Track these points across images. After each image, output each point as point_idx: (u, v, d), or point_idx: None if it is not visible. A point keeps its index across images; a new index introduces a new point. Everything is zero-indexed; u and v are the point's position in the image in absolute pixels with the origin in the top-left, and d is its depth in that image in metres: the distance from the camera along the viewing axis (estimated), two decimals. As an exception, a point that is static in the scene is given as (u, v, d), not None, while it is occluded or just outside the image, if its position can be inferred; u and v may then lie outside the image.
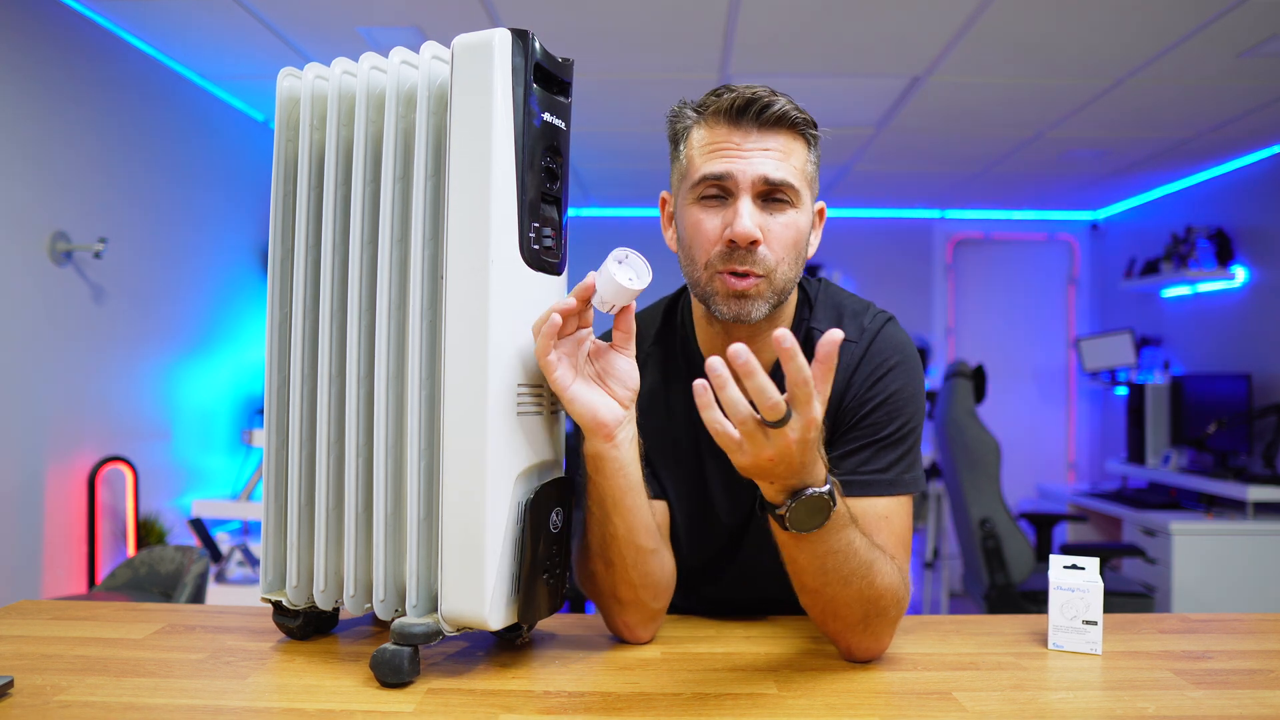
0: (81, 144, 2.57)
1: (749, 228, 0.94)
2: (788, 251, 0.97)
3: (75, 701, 0.80)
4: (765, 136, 0.97)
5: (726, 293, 0.97)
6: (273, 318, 0.97)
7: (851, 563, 0.87)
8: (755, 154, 0.96)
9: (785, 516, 0.82)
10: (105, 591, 2.19)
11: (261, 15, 2.56)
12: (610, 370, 0.90)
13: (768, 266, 0.96)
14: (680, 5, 2.46)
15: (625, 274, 0.87)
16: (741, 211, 0.95)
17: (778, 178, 0.96)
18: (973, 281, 5.36)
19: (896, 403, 1.01)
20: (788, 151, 0.97)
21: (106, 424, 2.72)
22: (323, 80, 0.96)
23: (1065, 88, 3.07)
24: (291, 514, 0.95)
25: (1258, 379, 3.75)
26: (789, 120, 0.97)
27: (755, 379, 0.73)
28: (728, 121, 0.97)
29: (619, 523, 0.92)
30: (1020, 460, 5.09)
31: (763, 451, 0.76)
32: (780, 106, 0.96)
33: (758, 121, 0.96)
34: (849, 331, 1.05)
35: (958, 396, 3.03)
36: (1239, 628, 1.11)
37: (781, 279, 0.98)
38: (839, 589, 0.88)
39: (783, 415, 0.74)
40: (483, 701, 0.82)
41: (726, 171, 0.96)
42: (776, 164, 0.96)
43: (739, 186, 0.96)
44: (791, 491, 0.81)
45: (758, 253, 0.95)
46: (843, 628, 0.91)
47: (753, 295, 0.97)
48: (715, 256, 0.97)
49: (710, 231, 0.97)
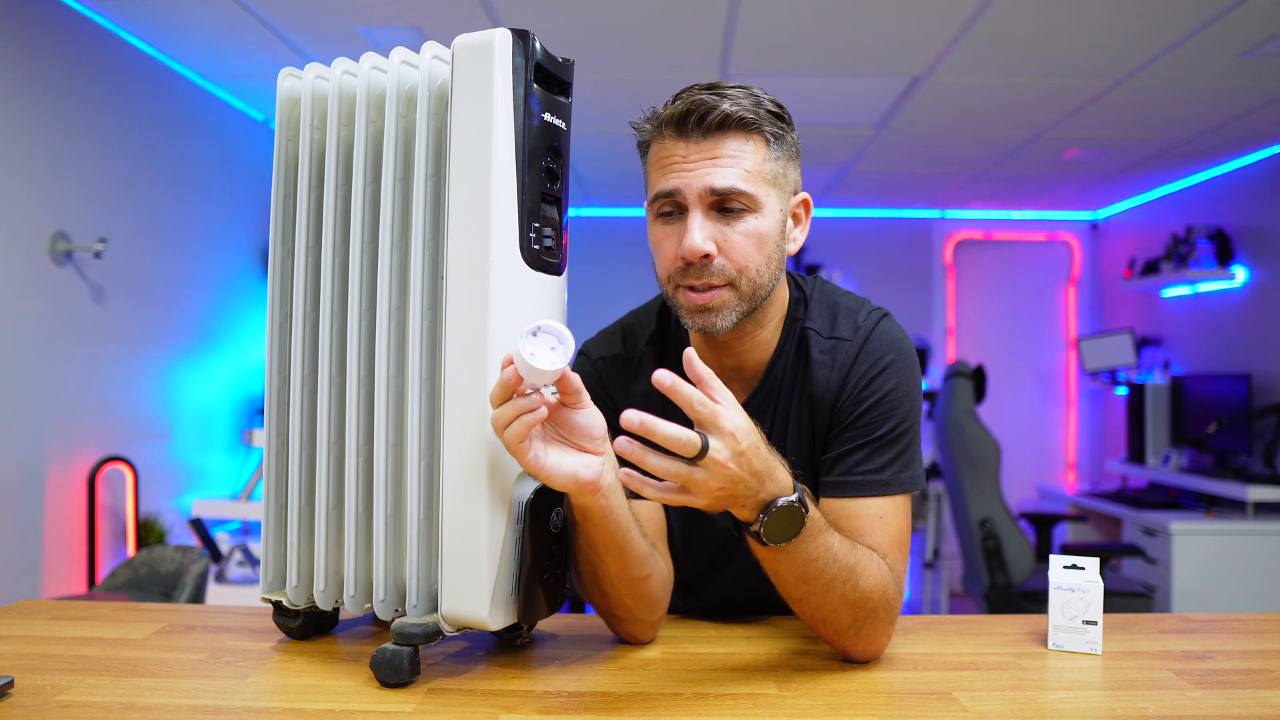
0: (81, 144, 2.57)
1: (696, 244, 0.92)
2: (750, 259, 0.95)
3: (75, 701, 0.80)
4: (712, 144, 0.93)
5: (689, 307, 0.97)
6: (273, 318, 0.97)
7: (832, 568, 0.87)
8: (702, 165, 0.93)
9: (760, 532, 0.82)
10: (105, 591, 2.19)
11: (261, 15, 2.56)
12: (572, 427, 0.83)
13: (728, 276, 0.95)
14: (680, 5, 2.46)
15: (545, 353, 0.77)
16: (690, 228, 0.93)
17: (724, 186, 0.93)
18: (973, 281, 5.36)
19: (891, 402, 1.00)
20: (738, 155, 0.93)
21: (106, 424, 2.72)
22: (323, 80, 0.96)
23: (1065, 88, 3.07)
24: (292, 514, 0.95)
25: (1258, 379, 3.75)
26: (734, 121, 0.93)
27: (657, 432, 0.74)
28: (674, 133, 0.95)
29: (610, 563, 0.91)
30: (1020, 460, 5.09)
31: (710, 485, 0.76)
32: (720, 110, 0.92)
33: (701, 129, 0.93)
34: (842, 329, 1.04)
35: (958, 396, 3.03)
36: (1239, 628, 1.11)
37: (749, 285, 0.96)
38: (822, 596, 0.88)
39: (699, 447, 0.74)
40: (483, 701, 0.82)
41: (674, 188, 0.94)
42: (724, 172, 0.93)
43: (688, 201, 0.94)
44: (762, 506, 0.81)
45: (713, 265, 0.94)
46: (833, 632, 0.91)
47: (715, 307, 0.96)
48: (676, 272, 0.96)
49: (668, 249, 0.97)
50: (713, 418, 0.75)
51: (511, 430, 0.78)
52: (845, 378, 1.02)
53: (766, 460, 0.80)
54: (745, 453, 0.77)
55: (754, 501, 0.80)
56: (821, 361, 1.03)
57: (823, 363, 1.03)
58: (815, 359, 1.03)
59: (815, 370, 1.03)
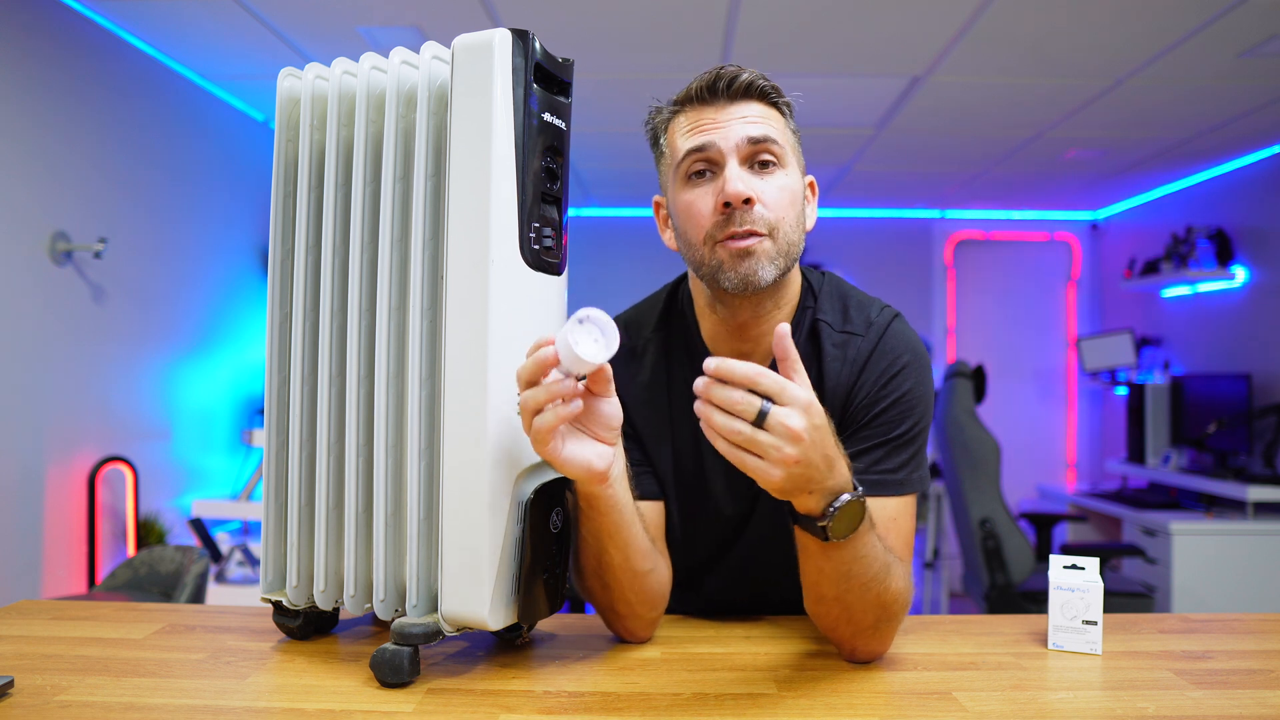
0: (81, 144, 2.57)
1: (739, 188, 0.93)
2: (786, 210, 0.96)
3: (75, 701, 0.80)
4: (740, 105, 0.98)
5: (732, 254, 0.95)
6: (273, 318, 0.97)
7: (873, 568, 0.87)
8: (733, 122, 0.96)
9: (828, 527, 0.80)
10: (105, 591, 2.19)
11: (261, 15, 2.56)
12: (595, 416, 0.83)
13: (769, 223, 0.95)
14: (680, 5, 2.46)
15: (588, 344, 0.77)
16: (729, 176, 0.94)
17: (758, 134, 0.96)
18: (973, 281, 5.36)
19: (909, 402, 1.00)
20: (765, 117, 0.98)
21: (106, 424, 2.72)
22: (323, 80, 0.96)
23: (1065, 88, 3.07)
24: (291, 514, 0.95)
25: (1258, 379, 3.74)
26: (758, 89, 0.98)
27: (715, 394, 0.73)
28: (700, 101, 0.99)
29: (614, 553, 0.92)
30: (1020, 460, 5.09)
31: (786, 455, 0.74)
32: (748, 76, 0.97)
33: (728, 94, 0.97)
34: (855, 324, 1.04)
35: (958, 396, 3.03)
36: (1239, 628, 1.11)
37: (785, 239, 0.96)
38: (858, 595, 0.87)
39: (757, 409, 0.73)
40: (483, 701, 0.82)
41: (708, 141, 0.96)
42: (756, 125, 0.96)
43: (723, 154, 0.96)
44: (830, 496, 0.80)
45: (754, 211, 0.94)
46: (854, 632, 0.91)
47: (757, 253, 0.95)
48: (713, 227, 0.96)
49: (703, 206, 0.97)
50: (780, 388, 0.74)
51: (544, 419, 0.77)
52: (859, 374, 1.02)
53: (835, 449, 0.79)
54: (821, 428, 0.76)
55: (822, 489, 0.79)
56: (833, 355, 1.03)
57: (834, 355, 1.03)
58: (827, 351, 1.04)
59: (827, 362, 1.03)
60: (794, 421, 0.74)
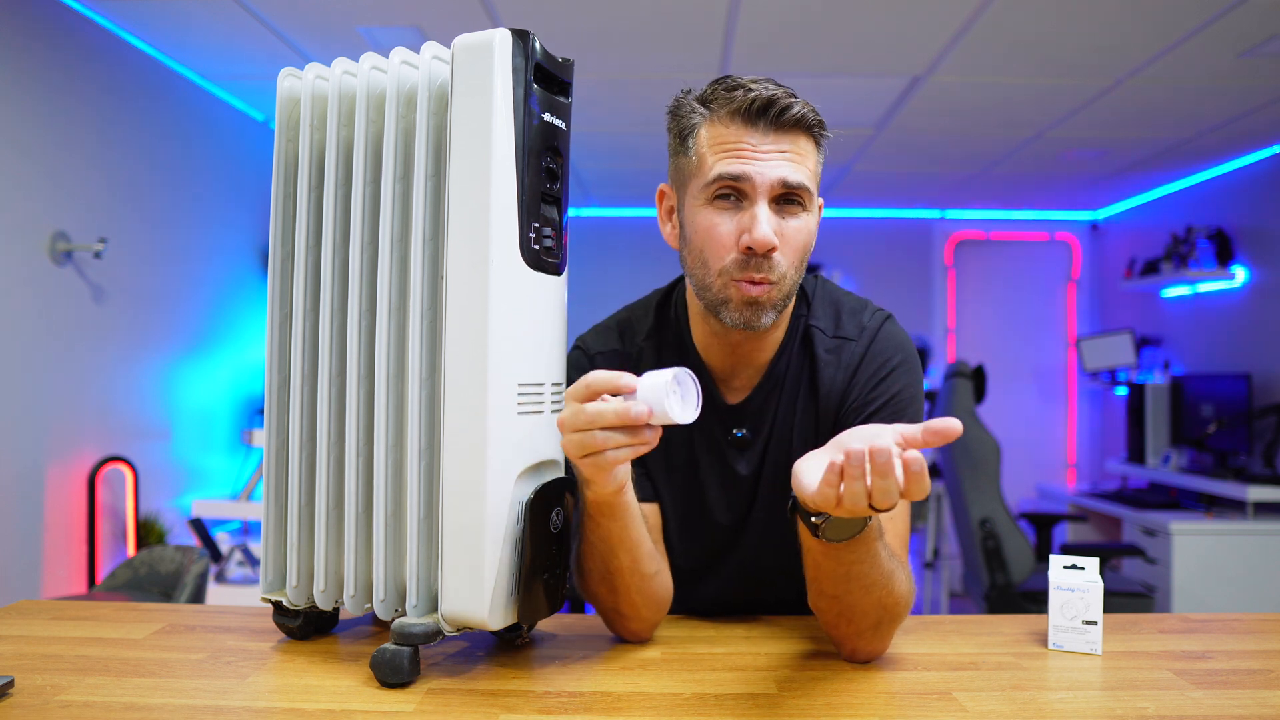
0: (81, 144, 2.57)
1: (768, 235, 0.92)
2: (798, 256, 0.96)
3: (75, 701, 0.80)
4: (781, 139, 0.94)
5: (741, 300, 0.95)
6: (273, 318, 0.97)
7: (875, 572, 0.87)
8: (773, 157, 0.93)
9: (820, 526, 0.80)
10: (105, 591, 2.19)
11: (261, 15, 2.56)
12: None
13: (780, 273, 0.95)
14: (680, 5, 2.46)
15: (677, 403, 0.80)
16: (760, 218, 0.92)
17: (795, 181, 0.93)
18: (973, 281, 5.36)
19: (900, 403, 1.01)
20: (803, 154, 0.95)
21: (106, 424, 2.72)
22: (323, 80, 0.96)
23: (1065, 88, 3.07)
24: (291, 514, 0.95)
25: (1258, 379, 3.74)
26: (806, 123, 0.94)
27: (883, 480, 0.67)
28: (744, 121, 0.94)
29: (624, 557, 0.92)
30: (1020, 460, 5.09)
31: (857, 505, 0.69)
32: (799, 110, 0.94)
33: (776, 124, 0.93)
34: (848, 329, 1.05)
35: (958, 396, 3.03)
36: (1239, 628, 1.11)
37: (789, 285, 0.97)
38: (860, 596, 0.87)
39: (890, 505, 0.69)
40: (483, 701, 0.82)
41: (744, 173, 0.93)
42: (794, 167, 0.94)
43: (756, 190, 0.93)
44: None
45: (773, 259, 0.94)
46: (854, 632, 0.91)
47: (764, 303, 0.95)
48: (731, 264, 0.95)
49: (725, 237, 0.95)
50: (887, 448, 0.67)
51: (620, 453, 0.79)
52: (852, 378, 1.03)
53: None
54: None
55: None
56: (827, 360, 1.04)
57: (828, 361, 1.04)
58: (820, 357, 1.04)
59: (821, 369, 1.04)
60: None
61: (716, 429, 1.07)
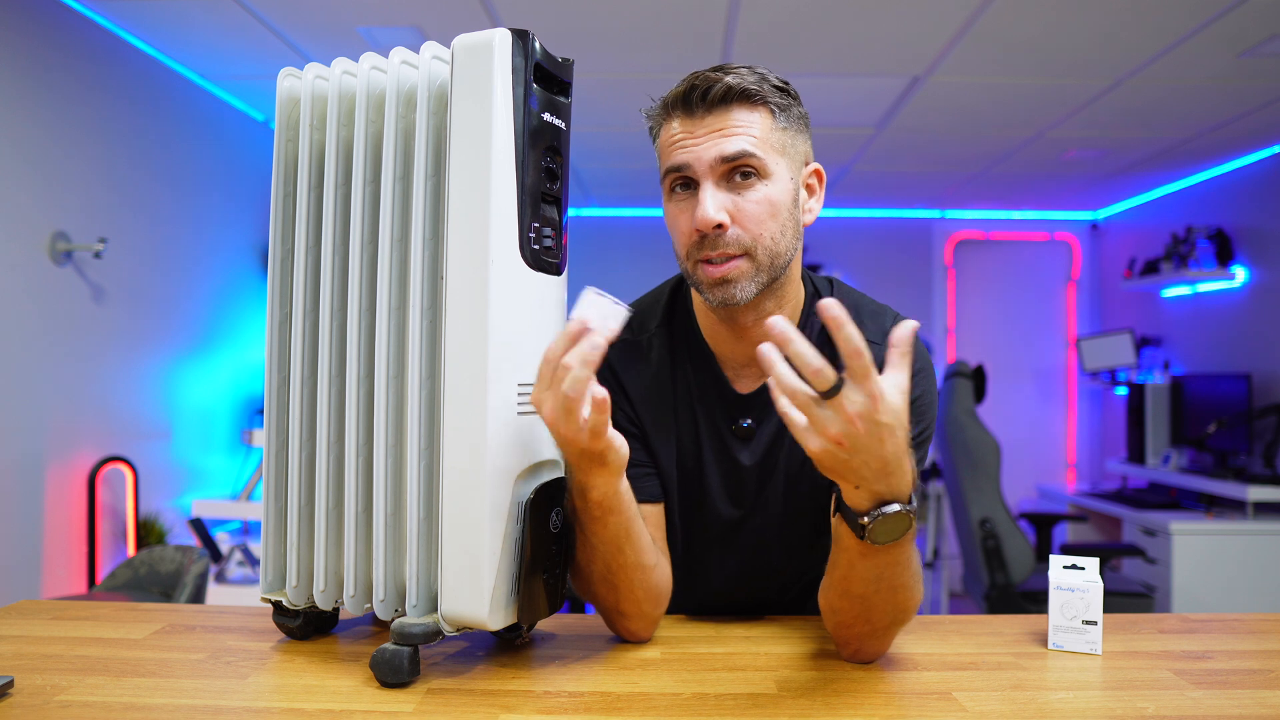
0: (81, 144, 2.57)
1: (709, 214, 0.93)
2: (764, 226, 0.95)
3: (75, 701, 0.80)
4: (717, 117, 0.95)
5: (708, 281, 0.97)
6: (273, 318, 0.97)
7: (904, 575, 0.87)
8: (709, 137, 0.95)
9: (867, 527, 0.79)
10: (105, 591, 2.19)
11: (261, 15, 2.56)
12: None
13: (743, 245, 0.95)
14: (680, 5, 2.46)
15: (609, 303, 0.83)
16: (702, 199, 0.94)
17: (732, 151, 0.94)
18: (973, 281, 5.36)
19: (919, 408, 1.01)
20: (743, 124, 0.94)
21: (106, 424, 2.72)
22: (323, 80, 0.96)
23: (1065, 88, 3.07)
24: (291, 514, 0.95)
25: (1258, 379, 3.74)
26: (736, 94, 0.94)
27: (792, 345, 0.72)
28: (682, 111, 0.97)
29: (629, 552, 0.93)
30: (1020, 460, 5.09)
31: (828, 430, 0.73)
32: (723, 84, 0.94)
33: (705, 104, 0.95)
34: (869, 332, 1.04)
35: (958, 396, 3.03)
36: (1239, 628, 1.11)
37: (766, 254, 0.96)
38: (886, 597, 0.87)
39: (832, 383, 0.72)
40: (483, 701, 0.82)
41: (684, 162, 0.95)
42: (729, 140, 0.94)
43: (698, 174, 0.95)
44: (878, 500, 0.78)
45: (728, 235, 0.94)
46: (868, 631, 0.91)
47: (733, 278, 0.96)
48: (691, 247, 0.97)
49: (683, 225, 0.97)
50: (864, 372, 0.72)
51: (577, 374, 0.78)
52: None
53: (899, 456, 0.76)
54: (881, 424, 0.73)
55: (869, 490, 0.77)
56: None
57: None
58: None
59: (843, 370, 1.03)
60: (853, 403, 0.72)
61: (722, 418, 1.07)
